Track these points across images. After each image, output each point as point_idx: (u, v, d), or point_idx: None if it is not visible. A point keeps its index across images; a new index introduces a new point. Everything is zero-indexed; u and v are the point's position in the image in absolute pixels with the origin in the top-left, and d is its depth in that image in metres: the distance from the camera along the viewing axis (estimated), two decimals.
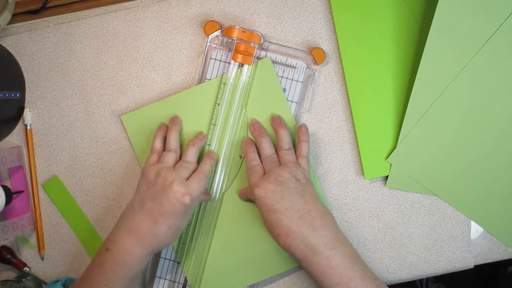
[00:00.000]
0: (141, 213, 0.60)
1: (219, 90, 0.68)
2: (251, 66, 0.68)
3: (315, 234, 0.59)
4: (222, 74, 0.68)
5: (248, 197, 0.67)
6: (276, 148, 0.66)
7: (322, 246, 0.58)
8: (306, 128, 0.67)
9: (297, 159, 0.65)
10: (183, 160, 0.64)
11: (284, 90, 0.69)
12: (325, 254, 0.58)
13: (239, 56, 0.67)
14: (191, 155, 0.65)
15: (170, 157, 0.64)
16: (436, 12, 0.64)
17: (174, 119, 0.68)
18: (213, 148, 0.68)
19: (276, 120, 0.67)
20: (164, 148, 0.66)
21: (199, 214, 0.68)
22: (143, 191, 0.61)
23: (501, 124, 0.66)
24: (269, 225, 0.61)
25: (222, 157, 0.68)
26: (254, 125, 0.68)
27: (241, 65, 0.68)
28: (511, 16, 0.64)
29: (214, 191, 0.68)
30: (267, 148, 0.66)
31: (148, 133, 0.69)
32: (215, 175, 0.68)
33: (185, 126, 0.69)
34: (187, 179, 0.61)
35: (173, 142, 0.65)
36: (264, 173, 0.63)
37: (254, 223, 0.68)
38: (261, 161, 0.65)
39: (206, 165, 0.64)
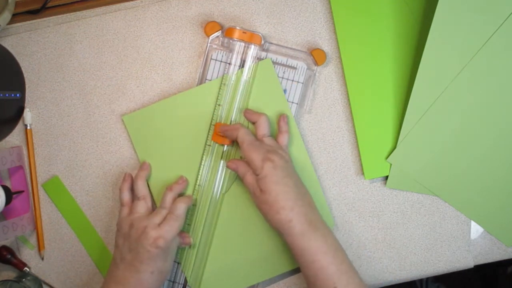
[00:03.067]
0: (123, 265, 0.62)
1: (219, 91, 0.68)
2: (251, 67, 0.68)
3: (313, 212, 0.61)
4: (223, 75, 0.68)
5: (238, 171, 0.64)
6: (257, 136, 0.65)
7: (319, 224, 0.60)
8: (288, 119, 0.67)
9: None
10: (159, 206, 0.65)
11: (285, 91, 0.69)
12: (322, 231, 0.60)
13: (219, 138, 0.67)
14: (168, 200, 0.65)
15: (140, 206, 0.65)
16: (436, 12, 0.64)
17: (142, 166, 0.68)
18: (213, 149, 0.68)
19: (249, 112, 0.67)
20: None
21: (197, 215, 0.68)
22: (121, 245, 0.63)
23: (501, 124, 0.66)
24: (273, 198, 0.60)
25: (222, 157, 0.68)
26: (247, 111, 0.67)
27: (241, 66, 0.68)
28: (511, 16, 0.64)
29: (215, 192, 0.68)
30: (267, 129, 0.66)
31: (149, 133, 0.69)
32: (215, 175, 0.68)
33: (186, 127, 0.69)
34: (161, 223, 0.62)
35: (140, 189, 0.66)
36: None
37: (255, 223, 0.68)
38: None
39: (178, 208, 0.64)
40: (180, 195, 0.68)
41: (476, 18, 0.64)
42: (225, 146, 0.68)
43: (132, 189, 0.67)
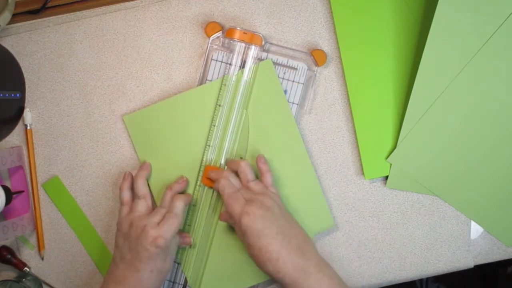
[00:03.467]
0: (123, 264, 0.62)
1: (220, 91, 0.68)
2: (252, 67, 0.68)
3: (303, 257, 0.59)
4: (223, 76, 0.68)
5: (229, 222, 0.65)
6: (242, 183, 0.65)
7: (311, 268, 0.58)
8: (265, 159, 0.66)
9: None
10: (159, 205, 0.65)
11: (285, 91, 0.69)
12: (314, 276, 0.58)
13: (208, 181, 0.67)
14: (167, 200, 0.65)
15: (140, 205, 0.64)
16: (436, 12, 0.64)
17: (142, 165, 0.68)
18: (213, 149, 0.68)
19: (229, 162, 0.67)
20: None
21: (198, 215, 0.68)
22: (121, 245, 0.63)
23: (501, 124, 0.66)
24: (257, 251, 0.59)
25: (223, 158, 0.68)
26: (228, 162, 0.67)
27: (242, 67, 0.68)
28: (511, 16, 0.64)
29: (215, 192, 0.68)
30: (250, 174, 0.65)
31: (149, 133, 0.69)
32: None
33: (186, 127, 0.69)
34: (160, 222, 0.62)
35: (140, 188, 0.66)
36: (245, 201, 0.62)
37: None
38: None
39: (176, 206, 0.64)
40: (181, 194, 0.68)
41: (476, 18, 0.64)
42: (225, 147, 0.68)
43: (133, 188, 0.67)
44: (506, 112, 0.66)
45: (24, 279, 0.69)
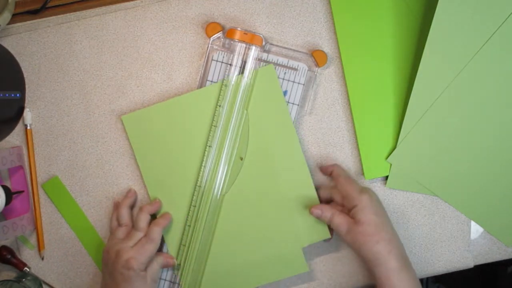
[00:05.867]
0: None
1: (220, 92, 0.68)
2: (252, 71, 0.68)
3: (404, 251, 0.62)
4: (223, 78, 0.68)
5: (325, 214, 0.63)
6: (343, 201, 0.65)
7: (410, 264, 0.61)
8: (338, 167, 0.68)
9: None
10: (134, 228, 0.65)
11: (286, 92, 0.69)
12: (413, 273, 0.60)
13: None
14: (140, 222, 0.65)
15: (120, 232, 0.65)
16: (436, 12, 0.64)
17: (127, 193, 0.69)
18: (213, 150, 0.68)
19: (321, 168, 0.70)
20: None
21: (198, 216, 0.68)
22: (104, 272, 0.65)
23: (501, 124, 0.66)
24: (373, 228, 0.60)
25: (223, 158, 0.68)
26: (320, 168, 0.70)
27: (242, 67, 0.68)
28: (511, 16, 0.64)
29: (215, 193, 0.68)
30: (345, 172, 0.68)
31: (148, 134, 0.69)
32: (216, 176, 0.68)
33: (185, 128, 0.68)
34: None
35: (123, 217, 0.67)
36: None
37: (255, 226, 0.68)
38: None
39: (153, 231, 0.64)
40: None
41: (476, 18, 0.64)
42: (225, 147, 0.68)
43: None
44: (506, 112, 0.66)
45: (24, 279, 0.69)
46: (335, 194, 0.65)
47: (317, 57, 0.68)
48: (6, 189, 0.65)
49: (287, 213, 0.67)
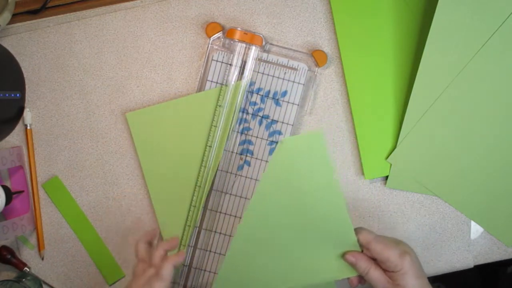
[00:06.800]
0: None
1: (220, 92, 0.68)
2: (251, 71, 0.68)
3: None
4: (221, 85, 0.68)
5: (361, 264, 0.59)
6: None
7: None
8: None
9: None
10: (148, 264, 0.62)
11: (286, 92, 0.69)
12: None
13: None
14: (156, 258, 0.62)
15: (137, 268, 0.62)
16: (436, 12, 0.64)
17: (148, 231, 0.66)
18: (213, 150, 0.68)
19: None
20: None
21: (198, 216, 0.68)
22: None
23: (501, 124, 0.66)
24: None
25: (223, 158, 0.68)
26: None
27: (242, 67, 0.68)
28: (511, 16, 0.64)
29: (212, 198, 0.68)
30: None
31: (151, 132, 0.69)
32: (215, 177, 0.68)
33: (188, 128, 0.68)
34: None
35: (138, 251, 0.63)
36: None
37: (274, 245, 0.62)
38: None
39: (164, 268, 0.61)
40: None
41: (476, 18, 0.64)
42: (226, 147, 0.68)
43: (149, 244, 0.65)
44: (506, 112, 0.66)
45: (24, 279, 0.69)
46: (372, 250, 0.59)
47: (317, 57, 0.68)
48: (6, 189, 0.66)
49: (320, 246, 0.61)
